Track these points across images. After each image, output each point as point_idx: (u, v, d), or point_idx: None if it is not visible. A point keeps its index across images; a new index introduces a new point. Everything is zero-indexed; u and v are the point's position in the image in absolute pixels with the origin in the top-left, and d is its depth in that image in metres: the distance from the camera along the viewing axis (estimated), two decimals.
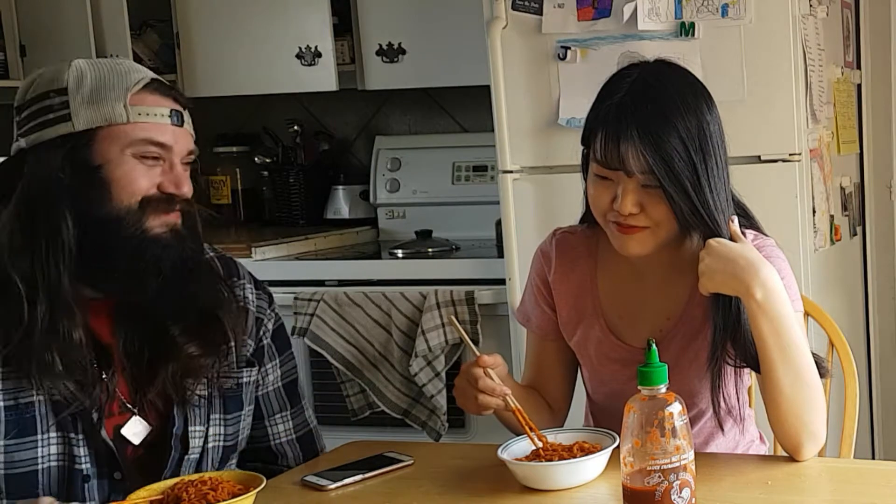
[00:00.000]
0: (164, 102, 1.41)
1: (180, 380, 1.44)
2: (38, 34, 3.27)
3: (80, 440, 1.40)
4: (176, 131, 1.41)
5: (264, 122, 3.56)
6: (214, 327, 1.46)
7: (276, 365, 1.61)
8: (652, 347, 1.25)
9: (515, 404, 1.50)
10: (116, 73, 1.40)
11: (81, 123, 1.37)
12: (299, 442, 1.63)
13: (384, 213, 3.40)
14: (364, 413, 2.85)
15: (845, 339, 1.81)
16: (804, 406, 1.46)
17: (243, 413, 1.55)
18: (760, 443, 1.72)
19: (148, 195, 1.39)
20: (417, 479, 1.49)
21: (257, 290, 1.59)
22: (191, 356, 1.44)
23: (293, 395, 1.63)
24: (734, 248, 1.45)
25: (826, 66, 2.56)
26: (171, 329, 1.43)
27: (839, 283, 2.69)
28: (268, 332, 1.59)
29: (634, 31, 2.41)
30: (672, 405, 1.23)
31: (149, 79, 1.42)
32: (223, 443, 1.52)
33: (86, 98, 1.37)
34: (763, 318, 1.44)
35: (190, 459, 1.48)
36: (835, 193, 2.64)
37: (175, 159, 1.41)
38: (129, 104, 1.38)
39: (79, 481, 1.40)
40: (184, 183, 1.42)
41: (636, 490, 1.23)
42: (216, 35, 3.27)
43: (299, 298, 2.85)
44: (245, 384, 1.54)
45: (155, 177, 1.40)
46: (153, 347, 1.43)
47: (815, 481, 1.44)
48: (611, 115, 1.48)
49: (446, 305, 2.73)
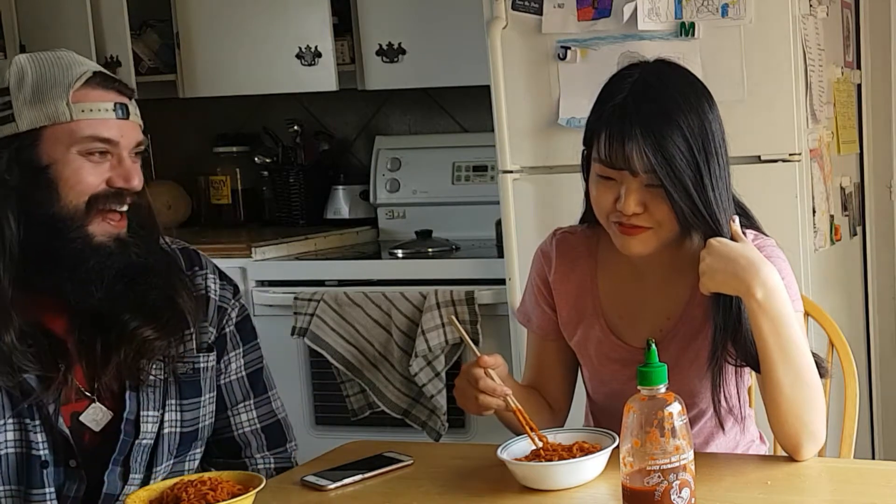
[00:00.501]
0: (107, 97, 1.40)
1: (133, 362, 1.44)
2: (38, 34, 3.27)
3: (36, 426, 1.40)
4: (122, 125, 1.40)
5: (264, 122, 3.56)
6: (168, 313, 1.46)
7: (240, 354, 1.60)
8: (652, 347, 1.25)
9: (516, 404, 1.50)
10: (58, 67, 1.39)
11: (25, 124, 1.36)
12: (264, 432, 1.62)
13: (384, 213, 3.40)
14: (364, 413, 2.85)
15: (845, 339, 1.81)
16: (804, 406, 1.46)
17: (202, 400, 1.54)
18: (760, 443, 1.72)
19: (96, 192, 1.39)
20: (417, 479, 1.49)
21: (221, 281, 1.59)
22: (145, 339, 1.43)
23: (257, 384, 1.62)
24: (735, 248, 1.45)
25: (826, 66, 2.55)
26: (124, 316, 1.42)
27: (839, 283, 2.69)
28: (231, 321, 1.58)
29: (634, 31, 2.40)
30: (672, 405, 1.23)
31: (91, 72, 1.40)
32: (180, 429, 1.51)
33: (28, 98, 1.36)
34: (764, 318, 1.44)
35: (142, 444, 1.47)
36: (835, 193, 2.64)
37: (123, 153, 1.41)
38: (72, 101, 1.37)
39: (37, 467, 1.40)
40: (133, 176, 1.41)
41: (636, 490, 1.23)
42: (216, 35, 3.27)
43: (299, 298, 2.85)
44: (202, 369, 1.54)
45: (103, 172, 1.39)
46: (107, 334, 1.43)
47: (815, 481, 1.44)
48: (614, 115, 1.48)
49: (446, 305, 2.73)
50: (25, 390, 1.38)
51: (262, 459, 1.62)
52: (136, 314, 1.43)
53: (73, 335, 1.44)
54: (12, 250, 1.36)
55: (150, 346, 1.44)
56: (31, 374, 1.38)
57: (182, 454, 1.53)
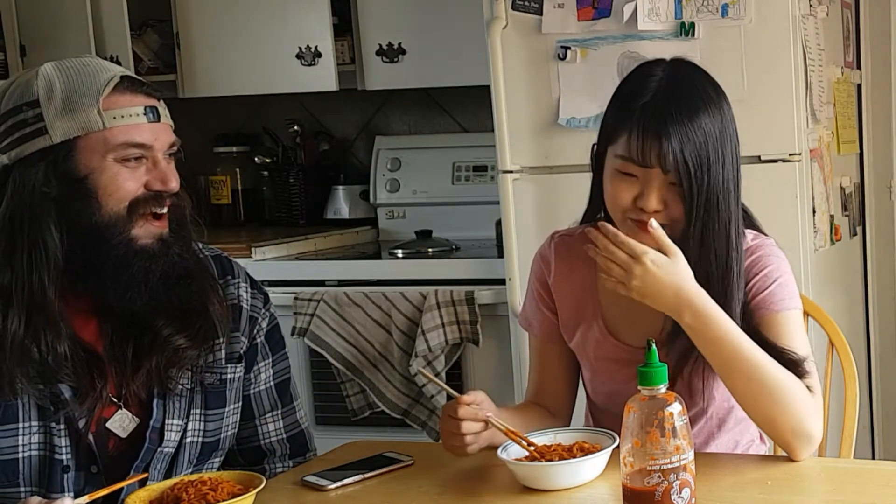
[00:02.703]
0: (136, 101, 1.39)
1: (164, 370, 1.43)
2: (38, 34, 3.27)
3: (61, 430, 1.39)
4: (154, 128, 1.40)
5: (264, 123, 3.55)
6: (201, 321, 1.46)
7: (269, 364, 1.60)
8: (652, 347, 1.25)
9: (501, 424, 1.48)
10: (85, 76, 1.38)
11: (58, 136, 1.35)
12: (289, 441, 1.62)
13: (384, 213, 3.40)
14: (364, 413, 2.85)
15: (845, 339, 1.81)
16: (775, 411, 1.46)
17: (226, 410, 1.54)
18: (760, 442, 1.72)
19: (136, 196, 1.38)
20: (417, 479, 1.49)
21: (252, 290, 1.59)
22: (177, 347, 1.43)
23: (284, 394, 1.62)
24: (663, 268, 1.44)
25: (826, 66, 2.55)
26: (157, 322, 1.42)
27: (839, 283, 2.69)
28: (261, 331, 1.58)
29: (634, 31, 2.40)
30: (672, 405, 1.23)
31: (118, 77, 1.39)
32: (202, 438, 1.51)
33: (59, 109, 1.35)
34: (698, 339, 1.47)
35: (164, 453, 1.46)
36: (835, 193, 2.63)
37: (158, 155, 1.41)
38: (103, 109, 1.36)
39: (58, 472, 1.40)
40: (170, 178, 1.41)
41: (636, 490, 1.23)
42: (216, 35, 3.27)
43: (299, 298, 2.85)
44: (229, 380, 1.53)
45: (140, 177, 1.39)
46: (139, 341, 1.43)
47: (815, 481, 1.44)
48: (647, 113, 1.49)
49: (446, 306, 2.73)
50: (58, 402, 1.38)
51: (283, 466, 1.62)
52: (171, 321, 1.43)
53: (105, 340, 1.43)
54: (56, 261, 1.35)
55: (182, 355, 1.44)
56: (66, 384, 1.37)
57: (201, 463, 1.52)
